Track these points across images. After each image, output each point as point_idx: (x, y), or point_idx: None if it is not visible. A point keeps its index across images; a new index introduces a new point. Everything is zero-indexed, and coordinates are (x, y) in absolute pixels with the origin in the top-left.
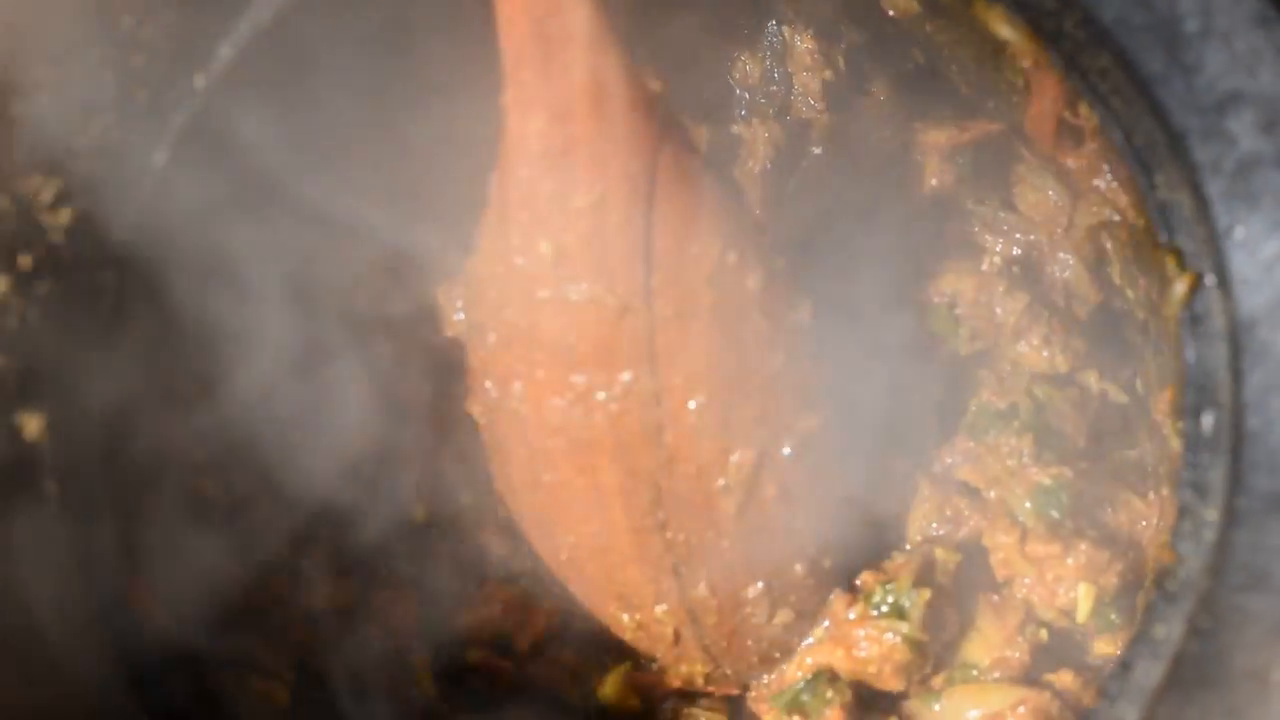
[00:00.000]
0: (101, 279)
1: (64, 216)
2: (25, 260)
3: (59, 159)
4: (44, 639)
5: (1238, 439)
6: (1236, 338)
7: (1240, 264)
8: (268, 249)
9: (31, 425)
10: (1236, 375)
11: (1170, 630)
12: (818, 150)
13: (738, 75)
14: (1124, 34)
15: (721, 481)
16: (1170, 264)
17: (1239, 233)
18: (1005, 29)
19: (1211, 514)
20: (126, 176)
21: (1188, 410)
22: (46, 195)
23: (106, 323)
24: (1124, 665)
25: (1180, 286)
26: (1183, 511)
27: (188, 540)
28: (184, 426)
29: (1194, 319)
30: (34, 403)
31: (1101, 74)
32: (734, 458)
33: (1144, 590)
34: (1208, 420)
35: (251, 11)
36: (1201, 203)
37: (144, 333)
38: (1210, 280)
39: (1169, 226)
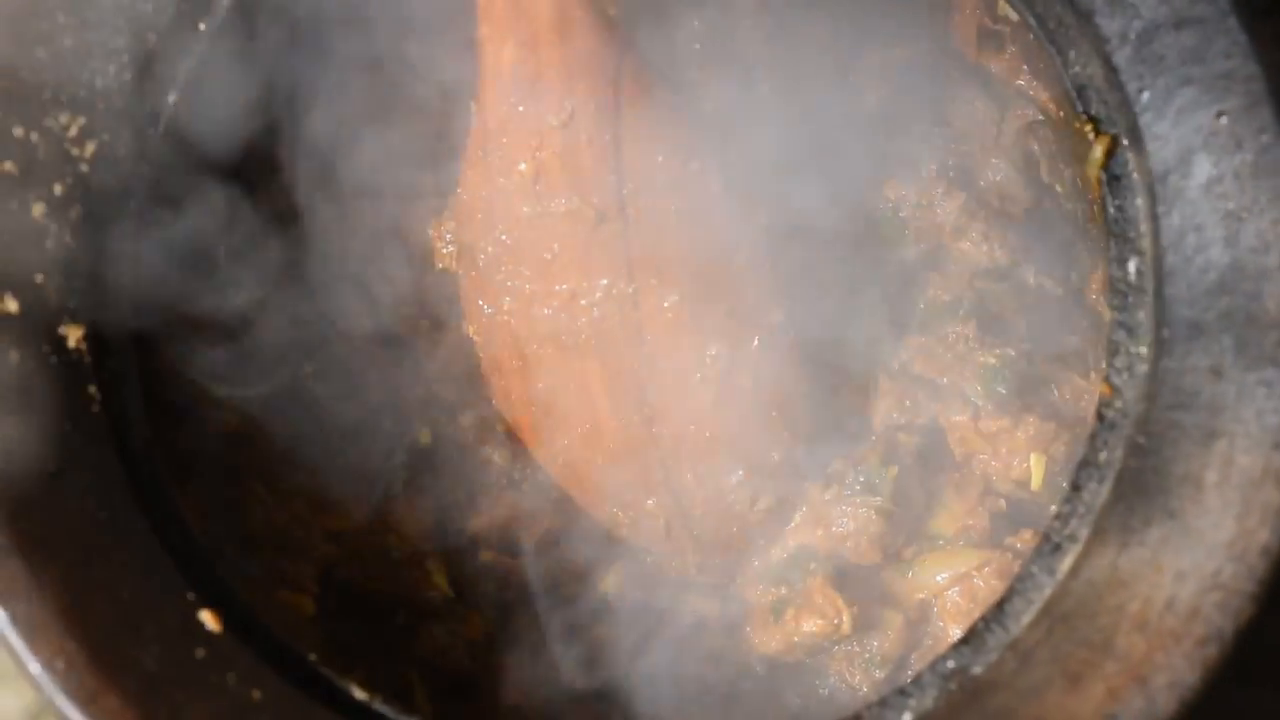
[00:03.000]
0: (124, 204)
1: (90, 149)
2: (58, 188)
3: (82, 97)
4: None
5: (1160, 279)
6: (1152, 188)
7: (1149, 122)
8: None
9: (73, 335)
10: (1154, 222)
11: (1112, 454)
12: (765, 87)
13: (684, 32)
14: None
15: (698, 375)
16: (1088, 130)
17: (1146, 95)
18: None
19: (1142, 348)
20: (143, 112)
21: (1113, 259)
22: (74, 130)
23: (133, 243)
24: (1073, 488)
25: (1098, 150)
26: (1115, 349)
27: (212, 457)
28: (204, 349)
29: (1113, 178)
30: (73, 315)
31: None
32: (709, 351)
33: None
34: (1131, 266)
35: None
36: (1112, 71)
37: (165, 253)
38: (1125, 140)
39: (1084, 99)
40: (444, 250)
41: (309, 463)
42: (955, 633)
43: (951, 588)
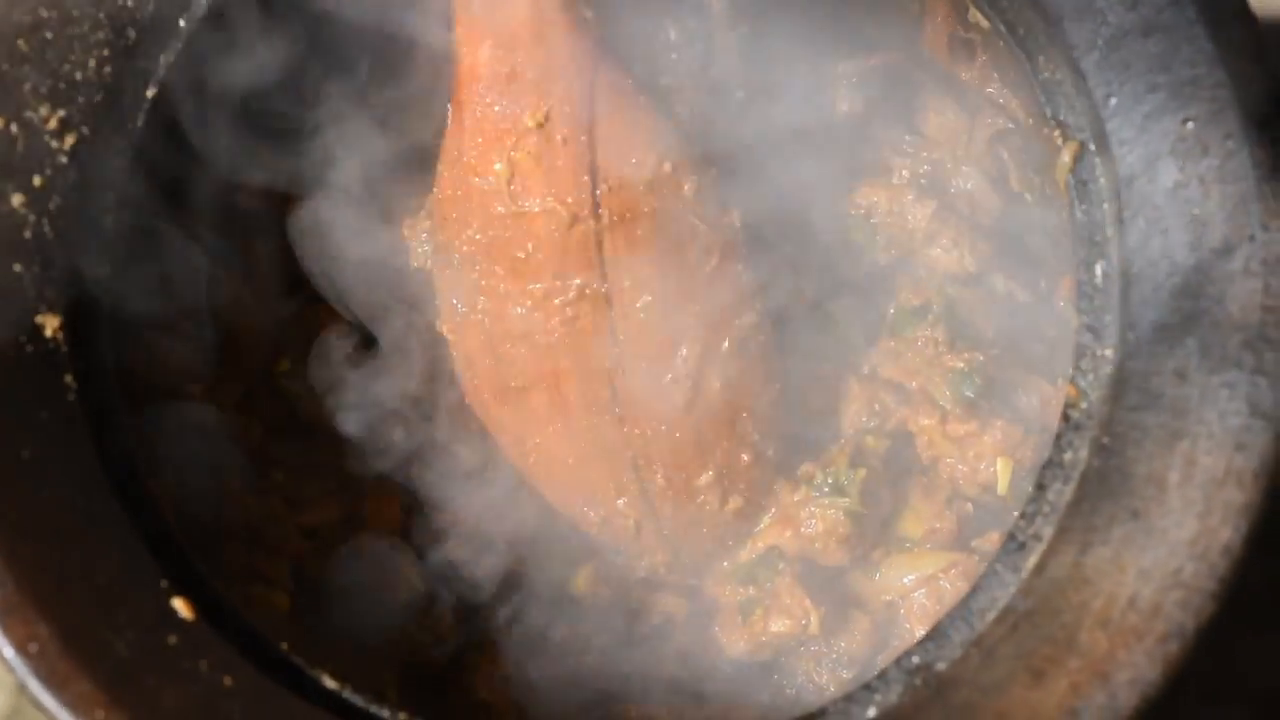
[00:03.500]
0: (103, 197)
1: (69, 141)
2: (37, 179)
3: (62, 90)
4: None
5: (1126, 283)
6: (1119, 193)
7: (1116, 127)
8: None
9: (50, 324)
10: (1121, 226)
11: (1077, 454)
12: (740, 94)
13: (660, 41)
14: None
15: (669, 376)
16: (1056, 136)
17: (1114, 101)
18: None
19: (1107, 351)
20: (122, 107)
21: (1080, 263)
22: (53, 122)
23: (109, 234)
24: (1038, 488)
25: (1066, 155)
26: (1081, 352)
27: (191, 453)
28: (181, 344)
29: (1080, 183)
30: (50, 305)
31: None
32: (680, 352)
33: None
34: (1098, 269)
35: None
36: (1079, 77)
37: (143, 246)
38: (1092, 146)
39: (1053, 105)
40: (419, 250)
41: (285, 458)
42: (922, 634)
43: (918, 589)
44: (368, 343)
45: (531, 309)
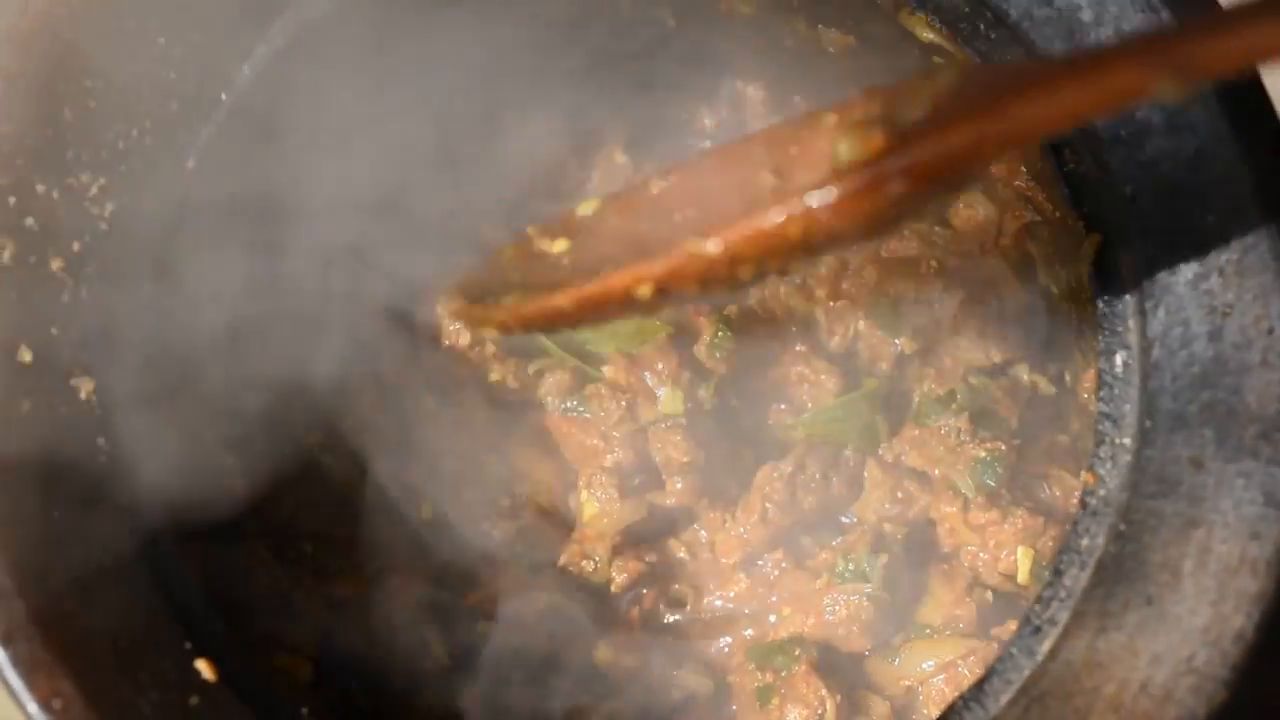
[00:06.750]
0: (141, 264)
1: (109, 209)
2: (76, 245)
3: (104, 158)
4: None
5: (1145, 372)
6: (1140, 284)
7: (1139, 217)
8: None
9: (85, 388)
10: (1142, 315)
11: (1094, 540)
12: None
13: (697, 127)
14: (1030, 28)
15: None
16: (1081, 228)
17: (1137, 194)
18: (929, 33)
19: (1126, 439)
20: (161, 177)
21: (1101, 353)
22: (94, 189)
23: (147, 302)
24: (1055, 573)
25: (1089, 246)
26: (1100, 439)
27: (219, 518)
28: (213, 412)
29: (1102, 274)
30: (85, 368)
31: None
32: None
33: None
34: (1119, 359)
35: (268, 38)
36: (1104, 171)
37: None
38: (1115, 237)
39: (1078, 197)
40: (451, 329)
41: (314, 530)
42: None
43: (937, 675)
44: None
45: None
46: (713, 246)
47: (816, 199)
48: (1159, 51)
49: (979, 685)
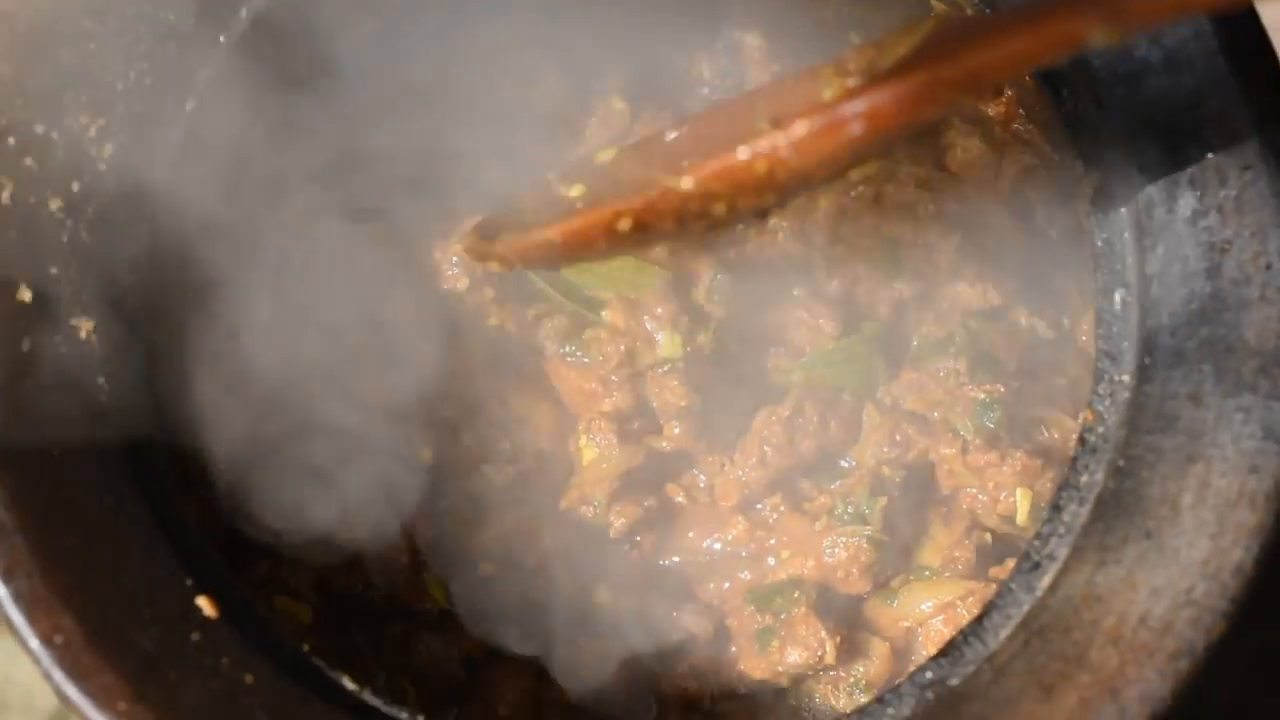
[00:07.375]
0: (139, 205)
1: (108, 150)
2: (76, 185)
3: (103, 99)
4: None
5: (1144, 309)
6: (1139, 221)
7: (1137, 156)
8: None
9: (85, 328)
10: (1141, 253)
11: (1093, 477)
12: None
13: (695, 75)
14: None
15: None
16: (1079, 166)
17: (1136, 131)
18: None
19: (1125, 376)
20: (160, 118)
21: (1099, 290)
22: (93, 130)
23: (146, 243)
24: (1054, 509)
25: (1087, 185)
26: (1099, 376)
27: (216, 462)
28: (212, 357)
29: (1100, 212)
30: (85, 308)
31: None
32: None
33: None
34: (1117, 296)
35: None
36: (1102, 110)
37: (177, 255)
38: (1113, 175)
39: (1077, 137)
40: (450, 273)
41: (312, 474)
42: None
43: (936, 616)
44: None
45: None
46: (685, 183)
47: (782, 139)
48: (1093, 1)
49: (979, 620)
